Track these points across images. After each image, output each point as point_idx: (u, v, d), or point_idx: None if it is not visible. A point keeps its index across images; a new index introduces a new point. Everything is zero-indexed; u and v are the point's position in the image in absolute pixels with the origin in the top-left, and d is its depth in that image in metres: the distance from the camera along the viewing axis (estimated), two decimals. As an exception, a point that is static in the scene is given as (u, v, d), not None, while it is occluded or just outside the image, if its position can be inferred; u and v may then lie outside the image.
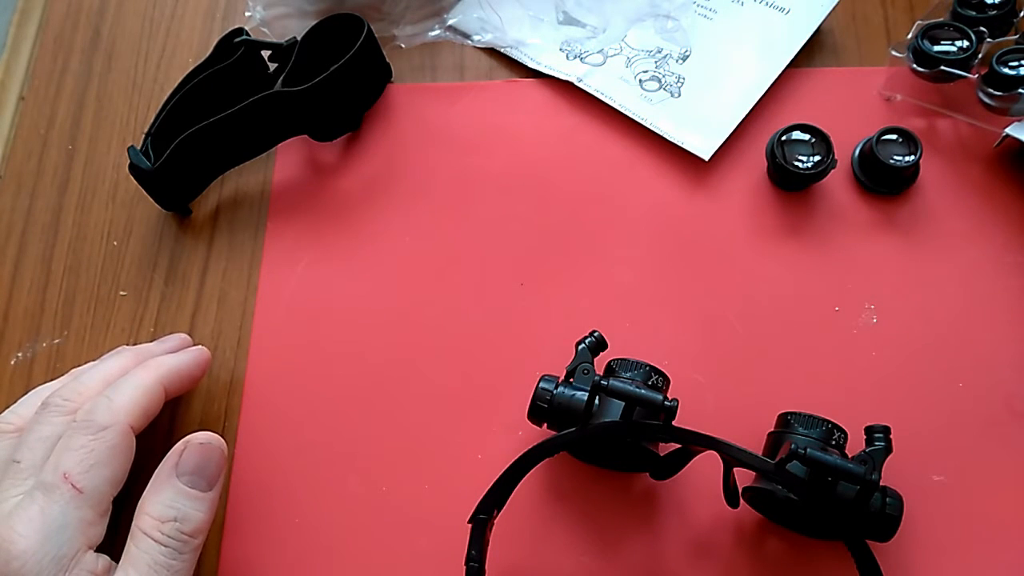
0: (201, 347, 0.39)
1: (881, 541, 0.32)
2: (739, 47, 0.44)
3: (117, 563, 0.31)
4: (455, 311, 0.41)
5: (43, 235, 0.45)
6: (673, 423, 0.32)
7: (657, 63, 0.45)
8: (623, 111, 0.43)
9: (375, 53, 0.45)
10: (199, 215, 0.45)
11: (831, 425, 0.33)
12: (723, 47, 0.44)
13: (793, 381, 0.38)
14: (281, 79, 0.42)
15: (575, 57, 0.45)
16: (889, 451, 0.32)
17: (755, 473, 0.34)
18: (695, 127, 0.42)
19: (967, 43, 0.40)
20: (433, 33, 0.47)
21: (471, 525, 0.32)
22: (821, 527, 0.34)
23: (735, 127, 0.42)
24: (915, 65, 0.41)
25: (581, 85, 0.44)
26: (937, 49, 0.40)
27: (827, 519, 0.31)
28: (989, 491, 0.35)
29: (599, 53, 0.45)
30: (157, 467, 0.33)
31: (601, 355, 0.35)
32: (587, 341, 0.35)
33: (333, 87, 0.42)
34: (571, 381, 0.34)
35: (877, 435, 0.33)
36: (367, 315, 0.41)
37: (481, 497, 0.32)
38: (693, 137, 0.42)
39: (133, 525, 0.31)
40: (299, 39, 0.44)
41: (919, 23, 0.41)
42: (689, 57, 0.44)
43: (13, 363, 0.42)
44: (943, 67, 0.40)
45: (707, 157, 0.41)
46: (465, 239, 0.42)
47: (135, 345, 0.40)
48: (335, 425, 0.39)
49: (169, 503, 0.32)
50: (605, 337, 0.35)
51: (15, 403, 0.36)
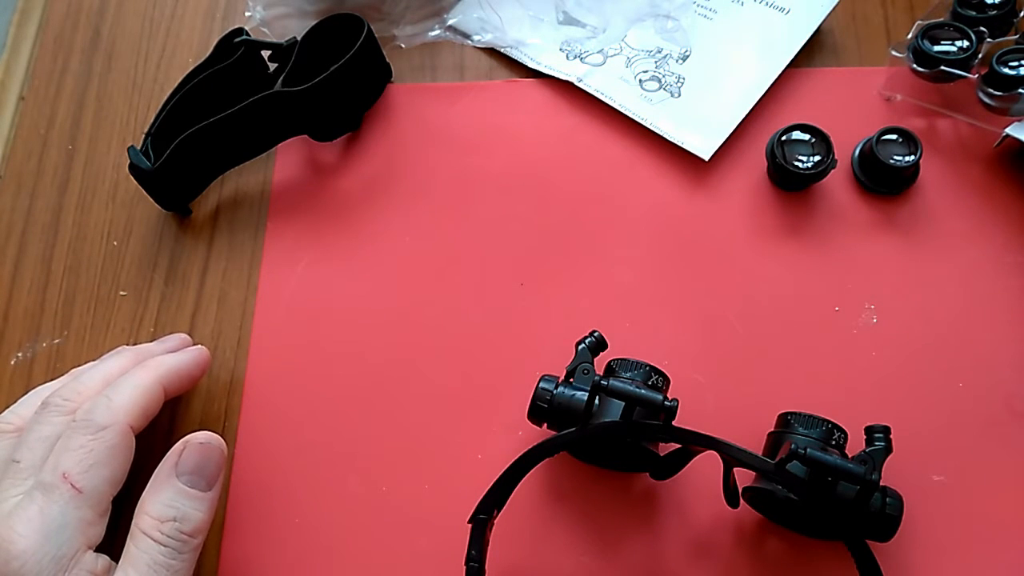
0: (201, 347, 0.39)
1: (881, 541, 0.32)
2: (739, 47, 0.44)
3: (117, 563, 0.31)
4: (455, 311, 0.41)
5: (43, 235, 0.45)
6: (673, 423, 0.32)
7: (657, 63, 0.45)
8: (623, 111, 0.43)
9: (375, 53, 0.45)
10: (199, 215, 0.45)
11: (831, 425, 0.33)
12: (723, 47, 0.44)
13: (793, 381, 0.38)
14: (281, 79, 0.42)
15: (575, 57, 0.45)
16: (889, 451, 0.32)
17: (755, 473, 0.34)
18: (695, 127, 0.42)
19: (967, 43, 0.40)
20: (433, 33, 0.47)
21: (471, 525, 0.32)
22: (821, 527, 0.34)
23: (735, 127, 0.42)
24: (915, 65, 0.41)
25: (581, 85, 0.44)
26: (937, 49, 0.40)
27: (827, 519, 0.31)
28: (989, 491, 0.35)
29: (599, 53, 0.45)
30: (157, 467, 0.33)
31: (601, 355, 0.35)
32: (587, 341, 0.35)
33: (333, 87, 0.42)
34: (571, 381, 0.34)
35: (877, 435, 0.33)
36: (367, 315, 0.41)
37: (481, 497, 0.32)
38: (693, 137, 0.42)
39: (133, 525, 0.31)
40: (299, 39, 0.44)
41: (919, 23, 0.41)
42: (689, 57, 0.44)
43: (13, 363, 0.42)
44: (943, 67, 0.40)
45: (707, 157, 0.41)
46: (465, 239, 0.42)
47: (135, 345, 0.40)
48: (335, 425, 0.39)
49: (169, 503, 0.32)
50: (605, 337, 0.35)
51: (15, 403, 0.36)
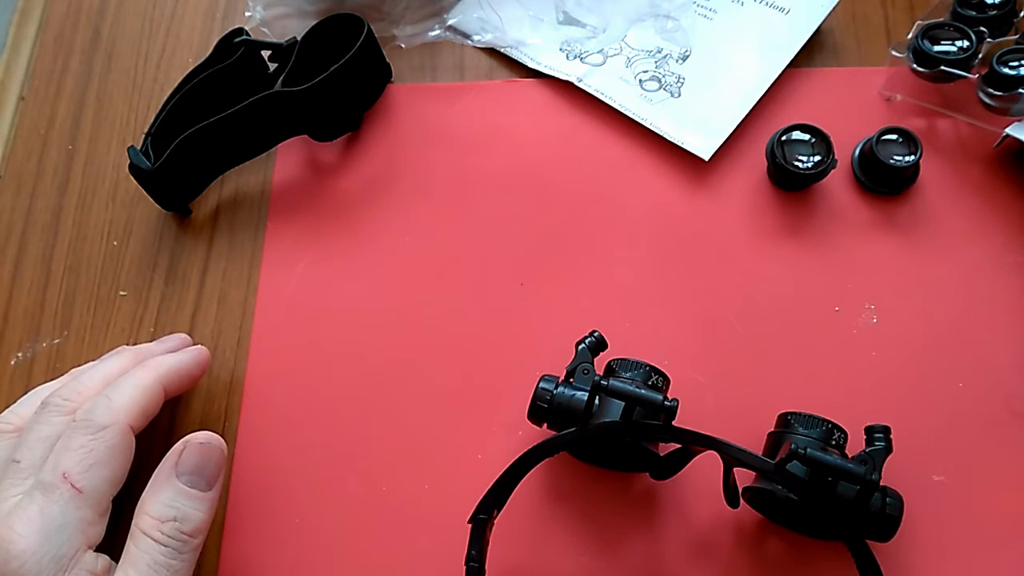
0: (201, 347, 0.39)
1: (881, 541, 0.32)
2: (739, 47, 0.44)
3: (117, 563, 0.31)
4: (455, 311, 0.41)
5: (43, 235, 0.45)
6: (673, 423, 0.32)
7: (657, 63, 0.44)
8: (623, 111, 0.43)
9: (375, 53, 0.45)
10: (199, 215, 0.45)
11: (831, 425, 0.33)
12: (723, 47, 0.44)
13: (793, 381, 0.38)
14: (281, 79, 0.42)
15: (575, 57, 0.45)
16: (889, 451, 0.32)
17: (755, 473, 0.34)
18: (695, 127, 0.42)
19: (967, 43, 0.40)
20: (433, 33, 0.47)
21: (471, 525, 0.32)
22: (821, 527, 0.34)
23: (735, 127, 0.42)
24: (915, 65, 0.41)
25: (581, 85, 0.44)
26: (937, 49, 0.40)
27: (827, 519, 0.31)
28: (989, 491, 0.35)
29: (599, 53, 0.45)
30: (157, 467, 0.33)
31: (601, 355, 0.35)
32: (587, 341, 0.35)
33: (333, 87, 0.42)
34: (571, 381, 0.34)
35: (877, 435, 0.33)
36: (367, 315, 0.41)
37: (481, 497, 0.32)
38: (693, 137, 0.42)
39: (133, 525, 0.31)
40: (299, 39, 0.44)
41: (919, 23, 0.41)
42: (689, 57, 0.44)
43: (13, 363, 0.42)
44: (943, 67, 0.40)
45: (707, 157, 0.41)
46: (465, 239, 0.42)
47: (135, 345, 0.40)
48: (335, 425, 0.39)
49: (169, 503, 0.32)
50: (605, 337, 0.35)
51: (15, 403, 0.36)
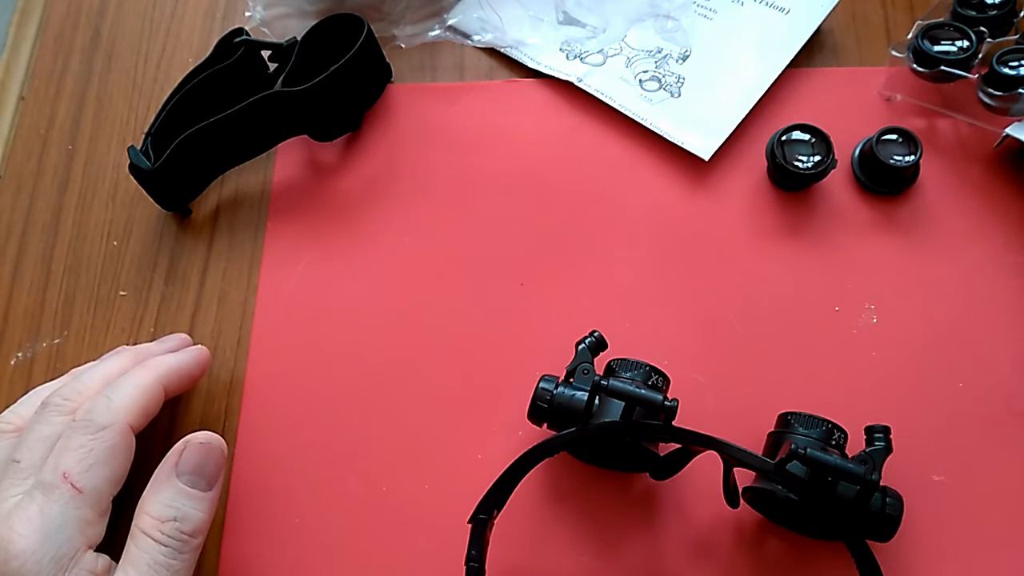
0: (201, 346, 0.39)
1: (881, 541, 0.32)
2: (739, 47, 0.44)
3: (117, 563, 0.31)
4: (455, 311, 0.41)
5: (43, 235, 0.45)
6: (673, 423, 0.32)
7: (657, 63, 0.44)
8: (623, 111, 0.43)
9: (375, 53, 0.45)
10: (199, 215, 0.45)
11: (831, 425, 0.33)
12: (723, 47, 0.44)
13: (793, 381, 0.38)
14: (281, 79, 0.42)
15: (575, 57, 0.45)
16: (889, 451, 0.32)
17: (755, 473, 0.34)
18: (695, 127, 0.42)
19: (967, 43, 0.40)
20: (433, 33, 0.47)
21: (471, 525, 0.32)
22: (821, 527, 0.34)
23: (735, 127, 0.42)
24: (915, 65, 0.41)
25: (581, 85, 0.44)
26: (937, 49, 0.40)
27: (827, 519, 0.31)
28: (989, 491, 0.35)
29: (599, 53, 0.45)
30: (157, 467, 0.33)
31: (601, 355, 0.35)
32: (587, 341, 0.35)
33: (333, 87, 0.42)
34: (571, 381, 0.34)
35: (877, 435, 0.33)
36: (367, 315, 0.41)
37: (481, 497, 0.32)
38: (693, 137, 0.42)
39: (133, 525, 0.31)
40: (299, 39, 0.44)
41: (919, 23, 0.41)
42: (689, 57, 0.44)
43: (13, 363, 0.42)
44: (943, 67, 0.40)
45: (707, 157, 0.41)
46: (465, 239, 0.42)
47: (135, 345, 0.40)
48: (335, 425, 0.39)
49: (169, 503, 0.32)
50: (605, 337, 0.35)
51: (15, 403, 0.36)
